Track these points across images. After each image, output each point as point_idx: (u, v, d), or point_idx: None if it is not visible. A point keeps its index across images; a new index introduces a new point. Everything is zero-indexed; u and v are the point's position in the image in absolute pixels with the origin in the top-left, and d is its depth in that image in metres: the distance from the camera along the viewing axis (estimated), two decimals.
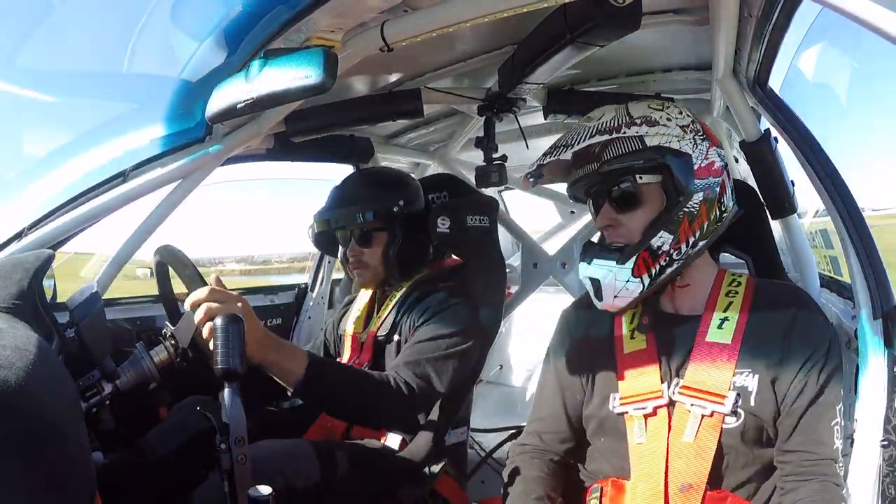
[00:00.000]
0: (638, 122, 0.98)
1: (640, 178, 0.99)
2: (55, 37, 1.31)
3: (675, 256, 0.97)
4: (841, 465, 0.92)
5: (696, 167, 0.97)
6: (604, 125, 0.99)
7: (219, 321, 0.95)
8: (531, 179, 1.14)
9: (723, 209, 1.01)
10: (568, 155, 1.01)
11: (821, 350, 0.95)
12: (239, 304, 1.04)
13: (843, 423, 0.94)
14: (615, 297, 0.99)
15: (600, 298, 1.01)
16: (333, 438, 1.59)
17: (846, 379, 1.01)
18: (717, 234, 1.02)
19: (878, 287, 1.04)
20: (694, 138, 0.99)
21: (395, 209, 1.52)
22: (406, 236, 1.54)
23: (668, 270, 0.98)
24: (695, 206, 0.97)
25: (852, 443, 0.95)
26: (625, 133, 0.97)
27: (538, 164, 1.08)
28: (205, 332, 1.04)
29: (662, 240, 0.96)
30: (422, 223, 1.59)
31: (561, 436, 1.15)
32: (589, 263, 1.01)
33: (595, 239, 1.13)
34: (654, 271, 0.97)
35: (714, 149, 1.01)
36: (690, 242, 0.97)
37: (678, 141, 0.97)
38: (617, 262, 0.97)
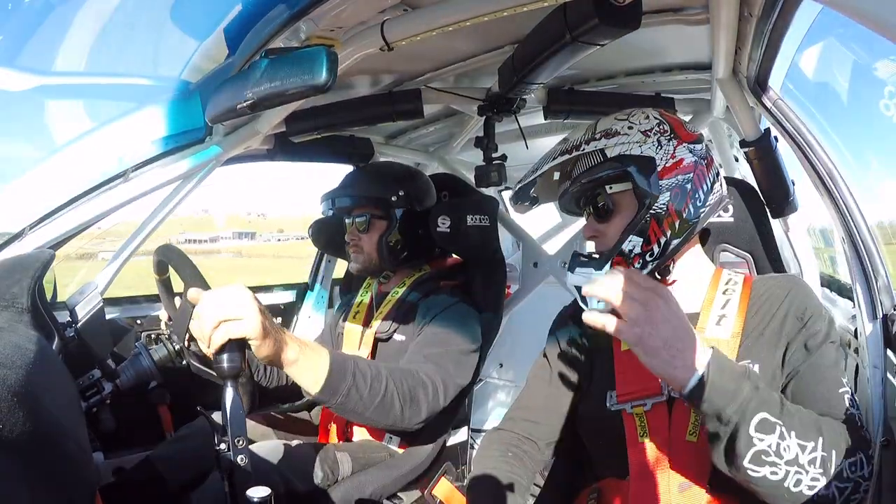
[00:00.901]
0: (598, 136, 1.00)
1: (610, 188, 1.02)
2: (54, 36, 1.31)
3: (647, 258, 0.98)
4: (867, 433, 0.87)
5: (659, 168, 0.97)
6: (568, 145, 1.03)
7: None
8: (527, 203, 1.18)
9: (698, 204, 1.00)
10: (535, 178, 1.06)
11: (815, 319, 0.95)
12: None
13: (853, 396, 0.91)
14: (598, 301, 1.00)
15: (585, 304, 1.01)
16: (333, 440, 1.59)
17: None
18: (696, 230, 1.01)
19: (878, 287, 1.04)
20: (658, 140, 0.99)
21: (393, 198, 1.56)
22: (403, 228, 1.57)
23: (644, 272, 0.99)
24: (662, 206, 0.97)
25: None
26: (584, 150, 1.00)
27: (518, 186, 1.12)
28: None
29: (633, 244, 0.98)
30: (424, 220, 1.61)
31: (541, 428, 1.15)
32: (572, 272, 1.04)
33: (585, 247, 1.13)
34: None
35: (684, 145, 1.00)
36: (662, 242, 0.98)
37: (639, 146, 0.98)
38: (595, 270, 1.00)
